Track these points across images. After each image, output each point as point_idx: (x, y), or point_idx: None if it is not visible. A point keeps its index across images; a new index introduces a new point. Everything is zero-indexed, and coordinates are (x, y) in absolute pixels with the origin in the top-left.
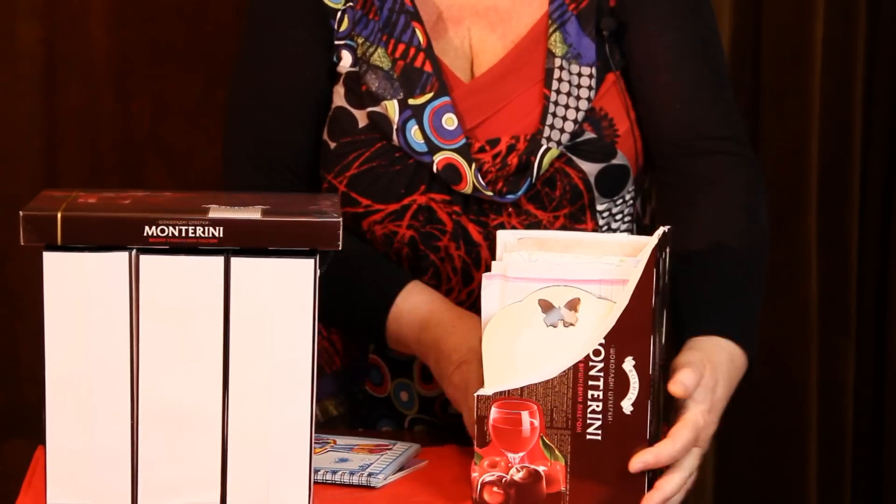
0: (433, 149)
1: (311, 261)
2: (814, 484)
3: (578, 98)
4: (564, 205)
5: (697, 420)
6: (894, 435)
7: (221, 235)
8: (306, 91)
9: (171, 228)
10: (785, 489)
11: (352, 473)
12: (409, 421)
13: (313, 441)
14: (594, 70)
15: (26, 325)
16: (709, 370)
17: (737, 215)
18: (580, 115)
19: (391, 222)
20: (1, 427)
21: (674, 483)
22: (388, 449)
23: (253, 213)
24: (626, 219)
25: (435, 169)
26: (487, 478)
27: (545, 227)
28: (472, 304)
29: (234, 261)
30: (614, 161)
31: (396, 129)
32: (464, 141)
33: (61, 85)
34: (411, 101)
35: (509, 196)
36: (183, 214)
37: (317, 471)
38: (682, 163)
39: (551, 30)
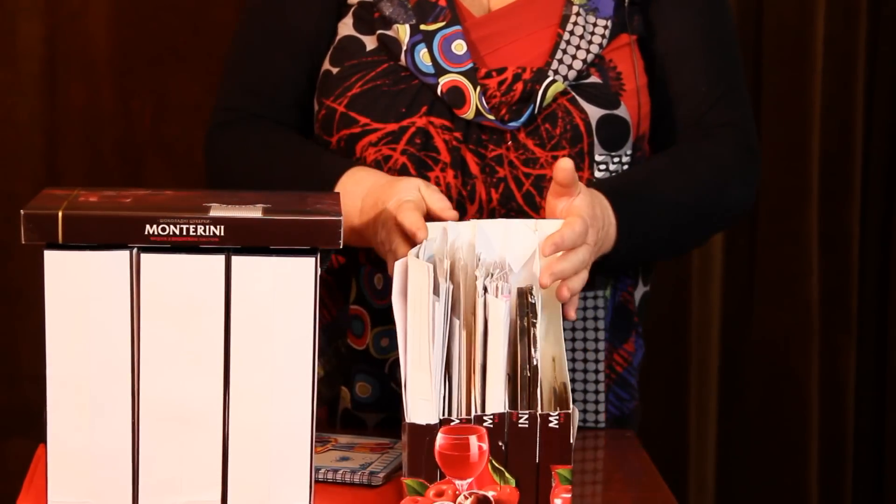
0: (440, 71)
1: (312, 259)
2: (815, 482)
3: (590, 43)
4: (563, 145)
5: (584, 211)
6: (895, 433)
7: (222, 234)
8: (313, 28)
9: (171, 227)
10: (786, 488)
11: (353, 472)
12: (389, 366)
13: (314, 439)
14: (609, 23)
15: (27, 323)
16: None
17: (710, 160)
18: (589, 58)
19: (386, 145)
20: (2, 426)
21: (568, 263)
22: (389, 448)
23: (254, 212)
24: None
25: (440, 91)
26: None
27: (542, 166)
28: None
29: (235, 259)
30: (617, 112)
31: (405, 51)
32: (471, 65)
33: (62, 83)
34: (423, 27)
35: (511, 123)
36: (184, 213)
37: (318, 469)
38: (690, 143)
39: None
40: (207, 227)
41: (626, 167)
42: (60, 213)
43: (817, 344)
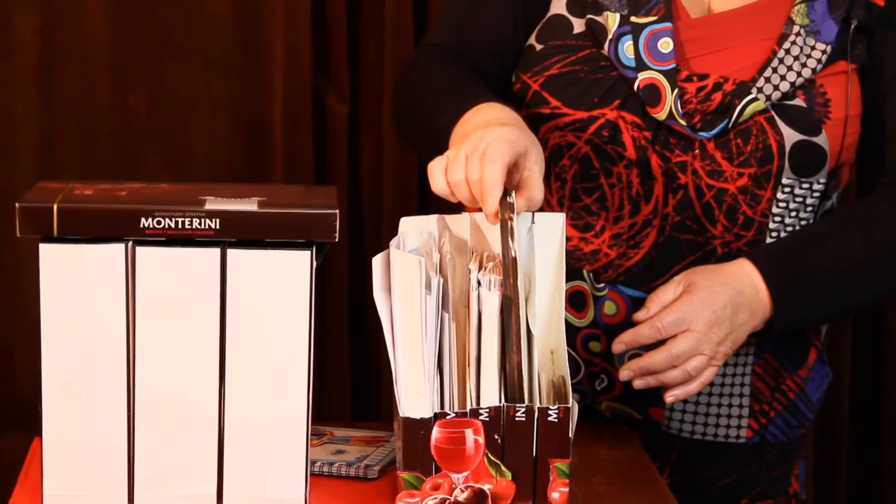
0: (640, 66)
1: (308, 252)
2: (810, 477)
3: (803, 66)
4: (752, 163)
5: (680, 307)
6: (891, 429)
7: (218, 227)
8: None
9: (167, 220)
10: None
11: (348, 465)
12: None
13: (310, 432)
14: (829, 48)
15: (22, 317)
16: (689, 283)
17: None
18: (799, 81)
19: (572, 132)
20: None
21: (655, 359)
22: (385, 441)
23: (249, 205)
24: (808, 208)
25: (636, 86)
26: (431, 502)
27: (726, 180)
28: (631, 236)
29: (231, 252)
30: (815, 139)
31: (610, 40)
32: (673, 66)
33: (58, 76)
34: (633, 19)
35: (701, 133)
36: (179, 206)
37: (313, 462)
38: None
39: (798, 0)
40: (203, 220)
41: (815, 194)
42: (55, 206)
43: None
